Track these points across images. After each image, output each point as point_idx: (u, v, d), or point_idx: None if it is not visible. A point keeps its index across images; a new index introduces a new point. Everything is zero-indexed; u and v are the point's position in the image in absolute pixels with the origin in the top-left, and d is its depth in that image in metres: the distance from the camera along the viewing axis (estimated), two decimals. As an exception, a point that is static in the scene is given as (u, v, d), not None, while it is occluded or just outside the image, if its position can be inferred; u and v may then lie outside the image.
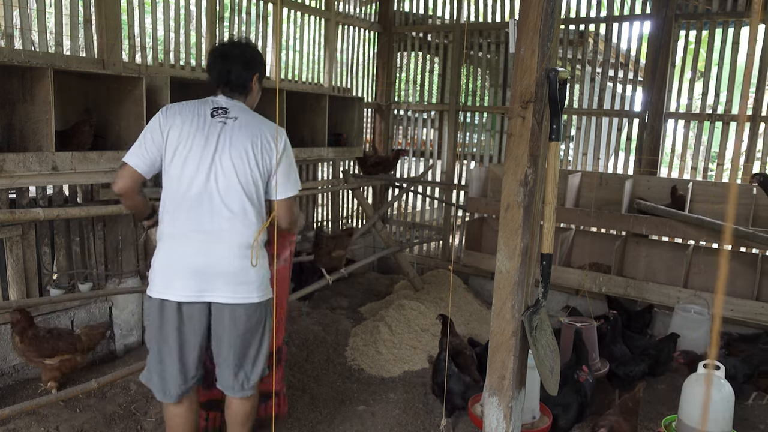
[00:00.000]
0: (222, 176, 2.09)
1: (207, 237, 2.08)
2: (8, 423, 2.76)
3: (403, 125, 6.08)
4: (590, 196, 4.52)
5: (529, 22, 1.92)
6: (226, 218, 2.09)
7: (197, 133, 2.09)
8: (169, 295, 2.09)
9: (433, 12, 5.74)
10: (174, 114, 2.12)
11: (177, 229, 2.09)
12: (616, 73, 6.19)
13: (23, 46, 3.22)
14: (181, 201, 2.08)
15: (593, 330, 3.43)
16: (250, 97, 2.30)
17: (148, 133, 2.12)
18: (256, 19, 4.58)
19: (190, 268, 2.08)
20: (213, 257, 2.09)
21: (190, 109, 2.14)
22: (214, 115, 2.14)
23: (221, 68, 2.21)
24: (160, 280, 2.11)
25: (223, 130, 2.11)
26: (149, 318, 2.18)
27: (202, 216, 2.08)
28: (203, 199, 2.08)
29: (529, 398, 2.73)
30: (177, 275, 2.08)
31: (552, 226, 2.04)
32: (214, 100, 2.20)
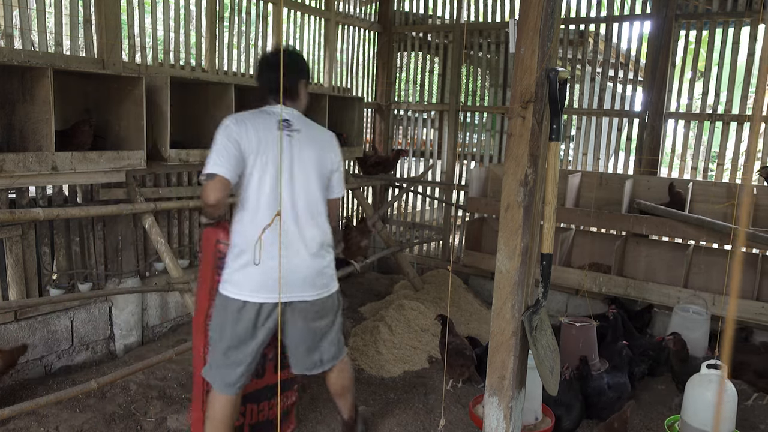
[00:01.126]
0: (298, 186, 2.28)
1: (288, 242, 2.24)
2: (8, 423, 2.76)
3: (403, 125, 6.07)
4: (590, 196, 4.52)
5: (529, 22, 1.92)
6: (304, 224, 2.29)
7: (270, 146, 2.21)
8: (252, 298, 2.21)
9: (433, 12, 5.74)
10: (244, 124, 2.20)
11: (254, 236, 2.20)
12: (616, 73, 6.19)
13: (23, 46, 3.22)
14: (264, 209, 2.21)
15: (593, 330, 3.43)
16: (300, 102, 2.45)
17: (225, 143, 2.16)
18: (256, 19, 4.58)
19: (273, 271, 2.19)
20: (294, 260, 2.25)
21: (257, 121, 2.24)
22: (280, 128, 2.27)
23: (271, 77, 2.31)
24: (243, 283, 2.22)
25: (291, 143, 2.28)
26: (223, 317, 2.27)
27: (285, 223, 2.25)
28: (285, 207, 2.26)
29: (531, 399, 2.73)
30: (260, 279, 2.20)
31: (552, 226, 2.04)
32: (273, 111, 2.31)
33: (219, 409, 2.33)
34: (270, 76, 2.32)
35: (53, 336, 3.41)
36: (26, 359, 3.30)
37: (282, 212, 2.23)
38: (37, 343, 3.34)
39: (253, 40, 4.68)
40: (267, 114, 2.30)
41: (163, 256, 3.52)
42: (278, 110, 2.31)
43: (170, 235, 4.05)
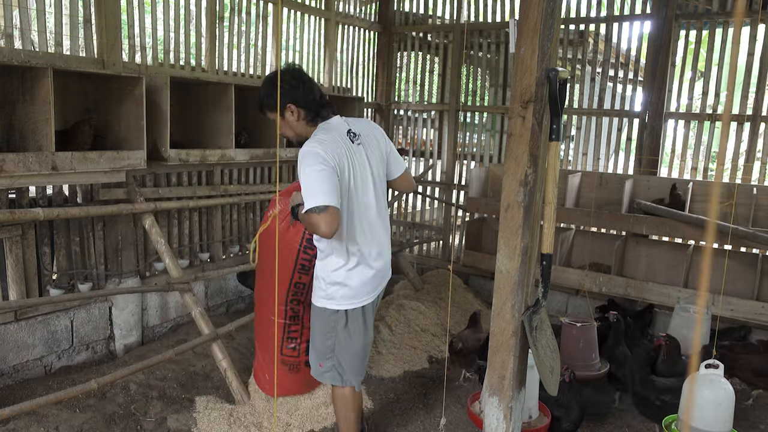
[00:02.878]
0: (378, 188, 2.43)
1: (382, 246, 2.47)
2: (8, 423, 2.76)
3: (403, 125, 6.08)
4: (590, 196, 4.52)
5: (529, 22, 1.92)
6: (387, 225, 2.50)
7: (354, 160, 2.30)
8: (364, 302, 2.43)
9: (433, 12, 5.74)
10: (332, 147, 2.21)
11: (366, 246, 2.38)
12: (616, 73, 6.19)
13: (23, 46, 3.22)
14: (367, 222, 2.37)
15: (593, 330, 3.42)
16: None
17: (326, 172, 2.15)
18: (256, 19, 4.58)
19: (375, 274, 2.44)
20: (384, 260, 2.49)
21: (336, 141, 2.26)
22: (352, 141, 2.33)
23: (318, 90, 2.36)
24: (361, 291, 2.41)
25: (363, 151, 2.36)
26: (339, 328, 2.44)
27: (380, 230, 2.45)
28: (381, 215, 2.45)
29: (527, 398, 2.72)
30: (372, 281, 2.43)
31: (552, 226, 2.04)
32: (335, 126, 2.34)
33: (358, 402, 2.61)
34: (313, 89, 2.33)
35: (53, 336, 3.41)
36: (26, 359, 3.30)
37: (374, 216, 2.39)
38: (37, 343, 3.34)
39: (253, 40, 4.68)
40: (335, 129, 2.32)
41: (163, 256, 3.52)
42: (338, 122, 2.36)
43: (170, 235, 4.05)
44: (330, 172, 2.15)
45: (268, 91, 2.32)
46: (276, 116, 2.31)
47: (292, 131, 2.37)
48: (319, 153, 2.16)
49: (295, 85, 2.28)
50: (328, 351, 2.48)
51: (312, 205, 2.10)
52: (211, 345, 3.31)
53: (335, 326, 2.43)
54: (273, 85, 2.30)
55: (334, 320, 2.42)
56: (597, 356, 3.43)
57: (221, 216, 4.44)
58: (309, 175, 2.12)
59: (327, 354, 2.49)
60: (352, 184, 2.28)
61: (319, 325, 2.48)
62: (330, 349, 2.48)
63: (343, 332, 2.44)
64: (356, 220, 2.32)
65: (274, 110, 2.33)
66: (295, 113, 2.30)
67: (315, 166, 2.13)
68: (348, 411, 2.58)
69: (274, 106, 2.31)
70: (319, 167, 2.13)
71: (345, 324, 2.43)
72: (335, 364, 2.50)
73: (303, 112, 2.30)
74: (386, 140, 2.51)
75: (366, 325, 2.51)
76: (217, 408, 3.08)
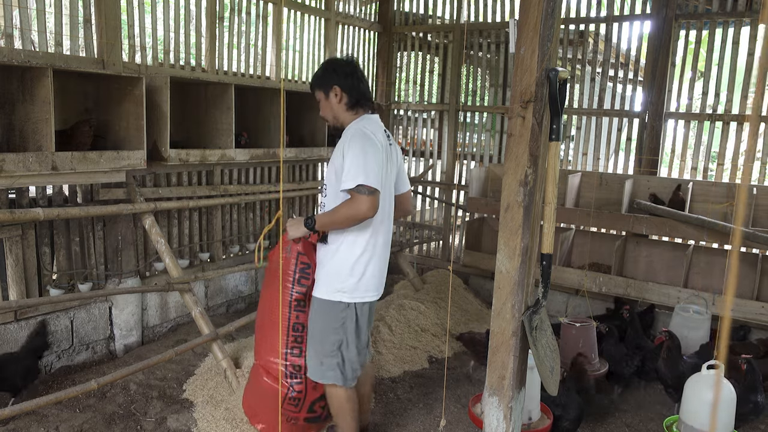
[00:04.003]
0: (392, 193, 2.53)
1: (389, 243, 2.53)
2: (8, 423, 2.76)
3: (403, 125, 6.08)
4: (590, 196, 4.52)
5: (529, 22, 1.92)
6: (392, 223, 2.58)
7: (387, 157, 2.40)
8: (375, 297, 2.48)
9: (433, 12, 5.74)
10: (379, 136, 2.35)
11: (381, 240, 2.45)
12: (616, 73, 6.19)
13: (23, 46, 3.21)
14: (383, 216, 2.43)
15: (593, 330, 3.43)
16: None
17: (377, 157, 2.28)
18: (256, 19, 4.58)
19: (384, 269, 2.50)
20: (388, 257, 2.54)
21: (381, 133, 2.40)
22: (388, 138, 2.47)
23: (366, 86, 2.47)
24: (370, 286, 2.44)
25: (393, 152, 2.49)
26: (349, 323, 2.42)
27: (390, 227, 2.52)
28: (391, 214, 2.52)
29: (528, 399, 2.72)
30: (379, 277, 2.47)
31: (552, 226, 2.04)
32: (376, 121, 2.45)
33: (354, 399, 2.54)
34: (362, 84, 2.45)
35: (53, 336, 3.41)
36: (26, 359, 3.30)
37: (388, 213, 2.48)
38: (37, 343, 3.34)
39: (253, 40, 4.68)
40: (376, 124, 2.43)
41: (163, 256, 3.52)
42: (377, 120, 2.46)
43: (170, 235, 4.05)
44: (381, 157, 2.29)
45: (323, 73, 2.47)
46: (322, 96, 2.46)
47: (332, 113, 2.48)
48: (372, 136, 2.30)
49: (348, 72, 2.43)
50: (333, 348, 2.44)
51: (362, 182, 2.18)
52: (211, 345, 3.31)
53: (345, 321, 2.41)
54: (329, 68, 2.47)
55: (344, 315, 2.41)
56: (597, 356, 3.44)
57: (221, 216, 4.44)
58: (364, 151, 2.23)
59: (332, 351, 2.44)
60: (384, 175, 2.35)
61: (326, 321, 2.43)
62: (336, 345, 2.43)
63: (352, 327, 2.42)
64: (379, 213, 2.35)
65: (321, 88, 2.46)
66: (339, 95, 2.42)
67: (369, 147, 2.26)
68: (347, 413, 2.52)
69: (322, 85, 2.45)
70: (374, 149, 2.26)
71: (355, 319, 2.42)
72: (339, 362, 2.45)
73: (345, 97, 2.42)
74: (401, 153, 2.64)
75: (369, 323, 2.53)
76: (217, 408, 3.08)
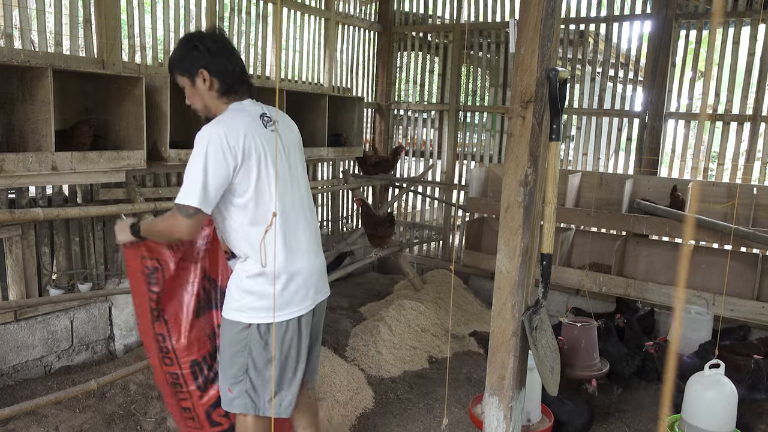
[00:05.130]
0: (297, 181, 2.11)
1: (304, 248, 2.10)
2: (8, 423, 2.76)
3: (403, 125, 6.07)
4: (590, 196, 4.52)
5: (529, 22, 1.92)
6: (311, 218, 2.17)
7: (265, 149, 1.96)
8: (286, 315, 2.04)
9: (433, 12, 5.74)
10: (238, 130, 1.92)
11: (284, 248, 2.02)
12: (616, 73, 6.18)
13: (23, 46, 3.21)
14: (283, 218, 2.03)
15: (593, 330, 3.43)
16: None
17: (218, 166, 1.89)
18: (256, 19, 4.58)
19: (307, 276, 2.09)
20: (309, 266, 2.11)
21: (250, 122, 1.97)
22: (266, 125, 2.01)
23: (239, 64, 2.02)
24: (285, 301, 2.03)
25: (279, 139, 2.04)
26: (255, 345, 2.03)
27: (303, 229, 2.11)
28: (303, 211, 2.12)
29: (527, 399, 2.72)
30: (292, 292, 2.05)
31: (552, 226, 2.04)
32: (248, 107, 2.03)
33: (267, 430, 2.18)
34: (242, 69, 2.02)
35: (53, 336, 3.41)
36: (26, 359, 3.30)
37: (294, 212, 2.06)
38: (37, 343, 3.34)
39: (253, 40, 4.68)
40: (245, 111, 2.00)
41: (163, 256, 3.52)
42: (250, 104, 2.04)
43: (170, 235, 4.04)
44: (221, 168, 1.86)
45: (183, 52, 1.99)
46: (186, 82, 2.01)
47: (201, 102, 2.04)
48: (217, 140, 1.86)
49: (215, 50, 1.97)
50: (239, 372, 2.05)
51: (184, 202, 1.85)
52: (211, 345, 3.30)
53: (248, 343, 2.02)
54: (189, 46, 1.98)
55: (245, 336, 2.02)
56: (597, 356, 3.44)
57: (221, 216, 4.44)
58: (196, 163, 1.85)
59: (239, 376, 2.05)
60: (264, 173, 1.94)
61: (229, 342, 2.06)
62: (242, 370, 2.05)
63: (259, 350, 2.03)
64: (269, 215, 1.97)
65: (185, 74, 2.00)
66: (208, 81, 1.97)
67: (211, 158, 1.85)
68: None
69: (186, 69, 1.99)
70: (213, 160, 1.85)
71: (260, 341, 2.02)
72: (248, 389, 2.06)
73: (217, 83, 1.98)
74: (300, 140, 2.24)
75: (296, 346, 2.10)
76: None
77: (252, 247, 1.98)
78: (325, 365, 3.39)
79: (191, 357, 2.25)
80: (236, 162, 1.89)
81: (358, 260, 5.07)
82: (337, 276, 4.46)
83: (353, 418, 3.09)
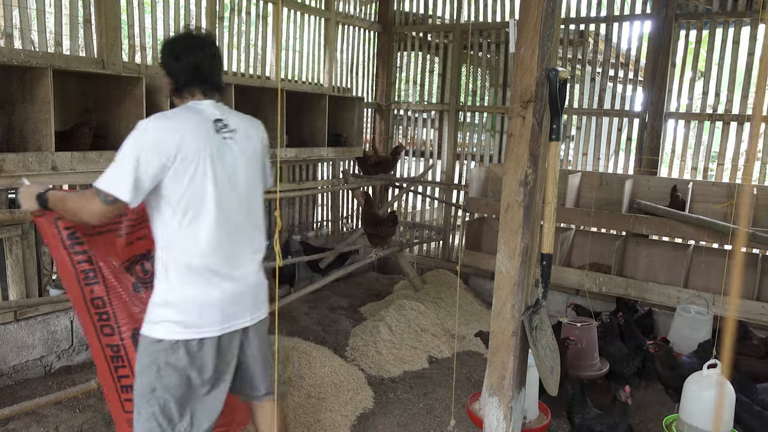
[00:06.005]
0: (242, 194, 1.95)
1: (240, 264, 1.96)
2: (8, 423, 2.76)
3: (403, 125, 6.08)
4: (590, 196, 4.52)
5: (529, 22, 1.92)
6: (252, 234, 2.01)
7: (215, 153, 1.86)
8: (207, 333, 1.87)
9: (433, 12, 5.74)
10: (179, 129, 1.82)
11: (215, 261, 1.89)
12: (616, 73, 6.19)
13: (23, 46, 3.22)
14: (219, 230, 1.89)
15: (593, 330, 3.43)
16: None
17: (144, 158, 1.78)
18: (256, 19, 4.58)
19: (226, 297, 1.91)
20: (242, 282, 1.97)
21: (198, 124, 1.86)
22: (218, 131, 1.90)
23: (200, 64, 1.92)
24: (197, 319, 1.86)
25: (230, 147, 1.91)
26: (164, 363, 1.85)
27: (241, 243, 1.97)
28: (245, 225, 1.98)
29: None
30: (217, 308, 1.89)
31: (552, 226, 2.04)
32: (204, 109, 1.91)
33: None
34: (198, 62, 1.91)
35: (53, 336, 3.41)
36: (26, 359, 3.30)
37: (232, 225, 1.91)
38: (37, 343, 3.34)
39: (253, 40, 4.68)
40: (198, 112, 1.89)
41: (163, 256, 3.52)
42: (208, 107, 1.93)
43: (170, 235, 4.04)
44: (153, 162, 1.75)
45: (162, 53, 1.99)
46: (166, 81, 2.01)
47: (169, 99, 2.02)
48: (154, 132, 1.78)
49: (172, 49, 1.93)
50: (146, 392, 1.86)
51: (105, 189, 1.75)
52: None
53: (156, 359, 1.84)
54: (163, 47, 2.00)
55: (156, 351, 1.84)
56: (597, 356, 3.44)
57: (221, 216, 4.44)
58: (129, 152, 1.75)
59: (145, 395, 1.86)
60: (199, 181, 1.82)
61: (140, 356, 1.90)
62: (149, 389, 1.86)
63: (169, 369, 1.84)
64: (203, 226, 1.84)
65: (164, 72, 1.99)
66: (167, 79, 1.97)
67: (136, 145, 1.76)
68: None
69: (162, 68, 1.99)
70: (146, 152, 1.75)
71: (173, 357, 1.84)
72: (155, 412, 1.86)
73: (170, 80, 1.95)
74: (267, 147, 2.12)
75: (219, 367, 1.92)
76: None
77: (171, 258, 1.85)
78: (325, 365, 3.38)
79: (133, 325, 2.03)
80: (169, 160, 1.77)
81: (358, 260, 5.07)
82: (337, 276, 4.46)
83: (353, 418, 3.09)
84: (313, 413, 3.03)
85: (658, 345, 3.18)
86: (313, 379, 3.24)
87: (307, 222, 5.42)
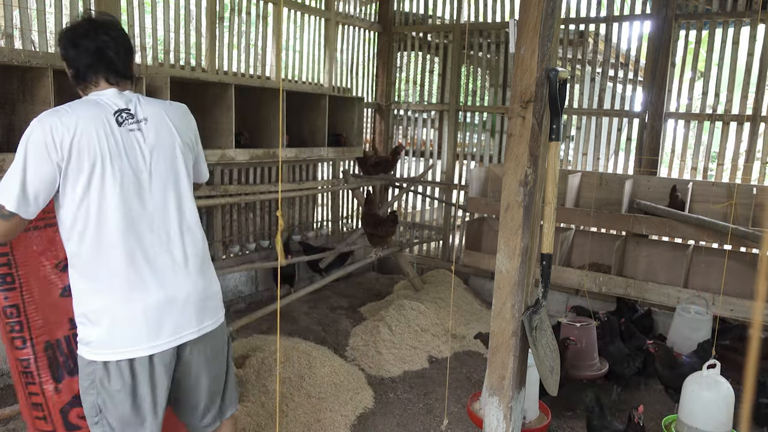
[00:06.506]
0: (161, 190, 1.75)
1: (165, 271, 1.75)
2: (8, 423, 2.76)
3: (403, 125, 6.08)
4: (590, 196, 4.52)
5: (529, 22, 1.92)
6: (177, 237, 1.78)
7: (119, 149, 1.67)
8: (134, 353, 1.68)
9: (433, 12, 5.74)
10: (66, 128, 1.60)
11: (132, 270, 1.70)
12: (616, 73, 6.19)
13: (23, 46, 3.22)
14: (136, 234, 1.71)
15: (593, 330, 3.43)
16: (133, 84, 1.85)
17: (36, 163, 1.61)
18: (256, 19, 4.59)
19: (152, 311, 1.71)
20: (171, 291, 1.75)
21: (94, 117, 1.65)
22: (120, 123, 1.69)
23: (101, 50, 1.71)
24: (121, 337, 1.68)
25: (138, 140, 1.71)
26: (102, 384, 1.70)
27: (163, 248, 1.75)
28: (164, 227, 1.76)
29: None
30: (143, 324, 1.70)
31: (552, 226, 2.04)
32: (106, 100, 1.71)
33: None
34: (99, 45, 1.71)
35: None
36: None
37: (148, 227, 1.71)
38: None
39: (253, 40, 4.68)
40: (95, 104, 1.69)
41: (163, 256, 3.51)
42: (110, 96, 1.72)
43: (170, 235, 4.04)
44: (43, 166, 1.58)
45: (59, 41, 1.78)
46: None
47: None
48: (40, 134, 1.58)
49: (77, 38, 1.72)
50: (92, 412, 1.74)
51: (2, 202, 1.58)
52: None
53: (94, 380, 1.70)
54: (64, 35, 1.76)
55: (92, 372, 1.70)
56: (597, 356, 3.44)
57: (221, 216, 4.44)
58: (16, 160, 1.59)
59: (93, 417, 1.74)
60: (98, 180, 1.63)
61: (80, 377, 1.76)
62: (95, 410, 1.73)
63: (110, 390, 1.70)
64: (112, 230, 1.65)
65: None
66: (68, 70, 1.77)
67: (26, 152, 1.59)
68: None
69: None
70: (32, 156, 1.58)
71: (109, 380, 1.69)
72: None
73: (71, 71, 1.76)
74: (196, 137, 1.94)
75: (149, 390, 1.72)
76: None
77: (78, 274, 1.69)
78: (325, 365, 3.39)
79: (47, 337, 1.86)
80: (62, 160, 1.59)
81: (358, 260, 5.07)
82: (337, 276, 4.46)
83: (353, 418, 3.09)
84: (313, 413, 3.03)
85: (658, 345, 3.19)
86: (312, 379, 3.24)
87: (307, 222, 5.43)
